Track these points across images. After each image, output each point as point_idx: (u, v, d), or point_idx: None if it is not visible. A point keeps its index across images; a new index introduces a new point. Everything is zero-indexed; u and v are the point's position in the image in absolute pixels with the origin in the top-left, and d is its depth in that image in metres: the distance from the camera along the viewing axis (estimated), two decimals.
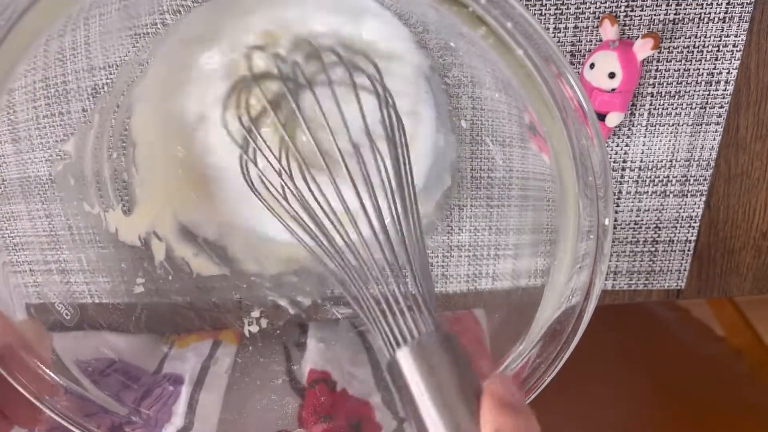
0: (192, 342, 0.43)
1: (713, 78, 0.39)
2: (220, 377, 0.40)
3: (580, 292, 0.29)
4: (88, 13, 0.34)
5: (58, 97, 0.36)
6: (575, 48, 0.38)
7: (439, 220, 0.42)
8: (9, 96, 0.35)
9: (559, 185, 0.28)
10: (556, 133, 0.26)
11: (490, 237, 0.42)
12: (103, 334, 0.39)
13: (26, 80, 0.35)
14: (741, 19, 0.37)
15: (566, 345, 0.30)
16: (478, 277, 0.43)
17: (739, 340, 0.98)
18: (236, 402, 0.39)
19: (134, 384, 0.37)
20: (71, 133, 0.37)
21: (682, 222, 0.43)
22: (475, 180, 0.40)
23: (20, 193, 0.38)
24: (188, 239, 0.41)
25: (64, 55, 0.35)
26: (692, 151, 0.41)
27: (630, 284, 0.46)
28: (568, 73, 0.24)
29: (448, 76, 0.37)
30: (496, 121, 0.37)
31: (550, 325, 0.30)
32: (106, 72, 0.37)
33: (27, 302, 0.35)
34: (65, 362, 0.33)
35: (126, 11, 0.35)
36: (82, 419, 0.31)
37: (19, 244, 0.39)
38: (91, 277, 0.41)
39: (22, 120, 0.36)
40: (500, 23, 0.24)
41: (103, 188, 0.38)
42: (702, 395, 0.90)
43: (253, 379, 0.41)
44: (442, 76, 0.37)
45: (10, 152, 0.38)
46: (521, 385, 0.29)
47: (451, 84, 0.38)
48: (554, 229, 0.32)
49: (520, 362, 0.32)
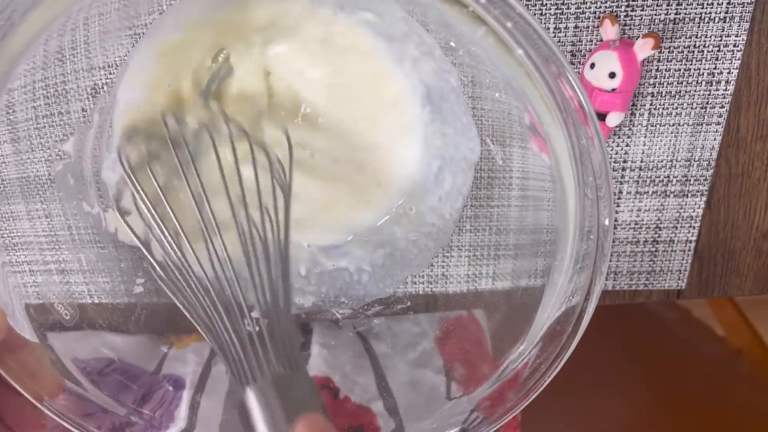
0: (191, 343, 0.43)
1: (714, 78, 0.38)
2: (221, 379, 0.40)
3: (580, 293, 0.29)
4: (88, 13, 0.34)
5: (58, 96, 0.36)
6: (575, 48, 0.38)
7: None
8: (8, 96, 0.35)
9: (559, 185, 0.28)
10: (556, 133, 0.26)
11: (490, 237, 0.41)
12: (103, 334, 0.39)
13: (26, 80, 0.35)
14: (741, 19, 0.37)
15: (566, 345, 0.30)
16: (478, 277, 0.43)
17: (739, 340, 0.98)
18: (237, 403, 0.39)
19: (133, 384, 0.37)
20: (71, 133, 0.37)
21: (683, 222, 0.43)
22: (475, 180, 0.40)
23: (19, 193, 0.38)
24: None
25: (63, 55, 0.35)
26: (693, 151, 0.41)
27: (630, 284, 0.46)
28: (568, 73, 0.24)
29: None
30: (496, 121, 0.37)
31: (550, 326, 0.30)
32: (106, 72, 0.37)
33: (26, 302, 0.35)
34: (64, 362, 0.33)
35: (125, 11, 0.35)
36: (81, 419, 0.31)
37: (19, 244, 0.39)
38: (90, 277, 0.41)
39: (22, 120, 0.36)
40: (500, 23, 0.24)
41: (102, 188, 0.38)
42: (702, 395, 0.90)
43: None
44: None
45: (9, 152, 0.38)
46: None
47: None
48: (554, 229, 0.32)
49: (520, 362, 0.32)
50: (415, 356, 0.41)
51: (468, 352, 0.40)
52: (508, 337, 0.34)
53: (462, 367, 0.40)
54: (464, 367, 0.40)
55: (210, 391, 0.39)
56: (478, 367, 0.38)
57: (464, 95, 0.37)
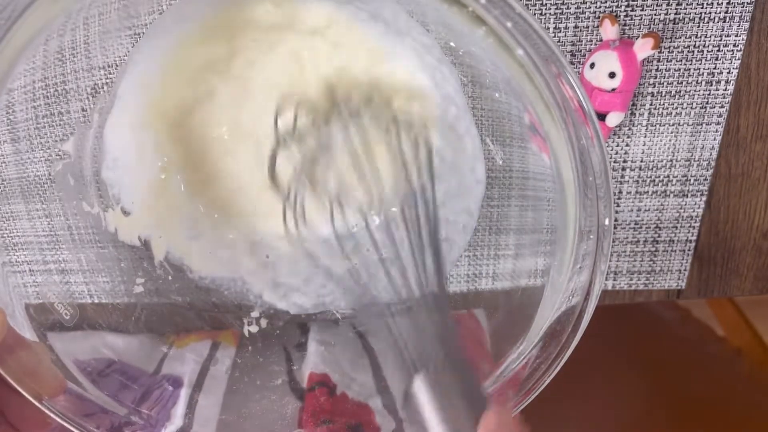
0: (190, 342, 0.43)
1: (713, 78, 0.38)
2: (219, 379, 0.40)
3: (580, 292, 0.29)
4: (88, 13, 0.34)
5: (58, 96, 0.36)
6: (575, 48, 0.38)
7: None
8: (8, 96, 0.35)
9: (559, 185, 0.28)
10: (556, 133, 0.26)
11: (490, 237, 0.41)
12: (103, 334, 0.39)
13: (25, 80, 0.35)
14: (741, 19, 0.37)
15: (566, 345, 0.30)
16: (478, 277, 0.43)
17: (739, 340, 0.98)
18: (236, 403, 0.39)
19: (133, 384, 0.37)
20: (70, 133, 0.37)
21: (683, 222, 0.43)
22: None
23: (19, 193, 0.38)
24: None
25: (63, 55, 0.35)
26: (692, 151, 0.41)
27: (630, 284, 0.46)
28: (568, 73, 0.24)
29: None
30: (496, 121, 0.37)
31: (550, 325, 0.30)
32: (106, 72, 0.37)
33: (26, 302, 0.35)
34: (64, 362, 0.33)
35: (125, 11, 0.35)
36: (81, 419, 0.31)
37: (19, 244, 0.39)
38: (90, 277, 0.41)
39: (22, 120, 0.36)
40: (500, 23, 0.24)
41: (102, 188, 0.38)
42: (702, 395, 0.90)
43: (253, 379, 0.40)
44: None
45: (9, 152, 0.38)
46: (517, 421, 0.29)
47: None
48: (554, 229, 0.32)
49: (520, 362, 0.32)
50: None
51: (468, 352, 0.40)
52: (507, 337, 0.34)
53: None
54: None
55: (208, 390, 0.39)
56: (478, 366, 0.38)
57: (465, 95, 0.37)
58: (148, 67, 0.36)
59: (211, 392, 0.39)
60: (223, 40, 0.36)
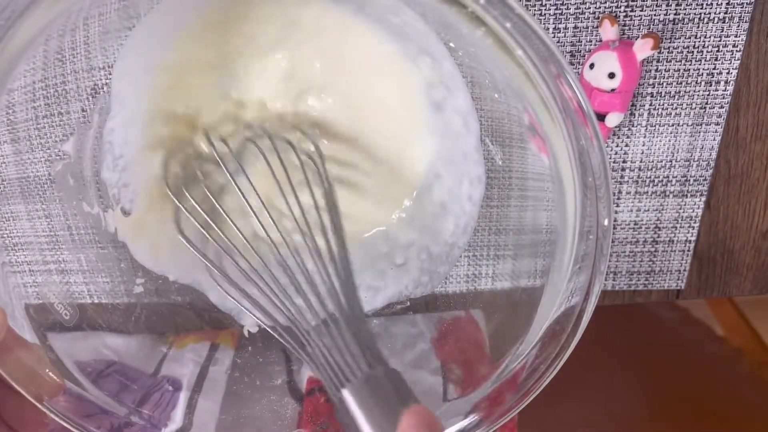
0: (189, 343, 0.43)
1: (713, 78, 0.38)
2: (218, 380, 0.40)
3: (579, 293, 0.29)
4: (88, 13, 0.34)
5: (58, 97, 0.36)
6: (575, 48, 0.38)
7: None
8: (8, 96, 0.35)
9: (558, 185, 0.28)
10: (556, 134, 0.26)
11: (489, 237, 0.41)
12: (103, 334, 0.39)
13: (26, 80, 0.35)
14: (741, 19, 0.37)
15: (566, 345, 0.30)
16: (477, 277, 0.43)
17: (739, 340, 0.98)
18: (235, 403, 0.39)
19: (133, 384, 0.37)
20: (70, 133, 0.37)
21: (682, 222, 0.43)
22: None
23: (19, 193, 0.38)
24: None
25: (63, 55, 0.35)
26: (692, 151, 0.41)
27: (630, 284, 0.46)
28: (568, 74, 0.24)
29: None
30: (495, 121, 0.37)
31: (549, 326, 0.30)
32: (106, 72, 0.37)
33: (26, 302, 0.35)
34: (64, 362, 0.33)
35: (125, 11, 0.35)
36: (81, 420, 0.31)
37: (18, 245, 0.39)
38: (90, 277, 0.41)
39: (22, 120, 0.36)
40: (499, 23, 0.24)
41: (102, 188, 0.38)
42: (702, 395, 0.90)
43: (252, 379, 0.40)
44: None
45: (9, 152, 0.38)
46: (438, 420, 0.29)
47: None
48: (553, 230, 0.32)
49: (519, 363, 0.32)
50: (412, 357, 0.41)
51: (465, 354, 0.40)
52: (507, 338, 0.34)
53: (459, 368, 0.40)
54: (461, 369, 0.40)
55: (207, 391, 0.39)
56: (476, 368, 0.38)
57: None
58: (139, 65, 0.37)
59: (210, 393, 0.39)
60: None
